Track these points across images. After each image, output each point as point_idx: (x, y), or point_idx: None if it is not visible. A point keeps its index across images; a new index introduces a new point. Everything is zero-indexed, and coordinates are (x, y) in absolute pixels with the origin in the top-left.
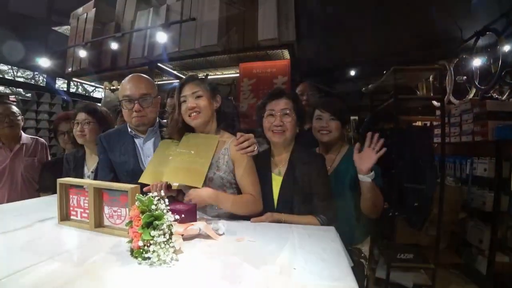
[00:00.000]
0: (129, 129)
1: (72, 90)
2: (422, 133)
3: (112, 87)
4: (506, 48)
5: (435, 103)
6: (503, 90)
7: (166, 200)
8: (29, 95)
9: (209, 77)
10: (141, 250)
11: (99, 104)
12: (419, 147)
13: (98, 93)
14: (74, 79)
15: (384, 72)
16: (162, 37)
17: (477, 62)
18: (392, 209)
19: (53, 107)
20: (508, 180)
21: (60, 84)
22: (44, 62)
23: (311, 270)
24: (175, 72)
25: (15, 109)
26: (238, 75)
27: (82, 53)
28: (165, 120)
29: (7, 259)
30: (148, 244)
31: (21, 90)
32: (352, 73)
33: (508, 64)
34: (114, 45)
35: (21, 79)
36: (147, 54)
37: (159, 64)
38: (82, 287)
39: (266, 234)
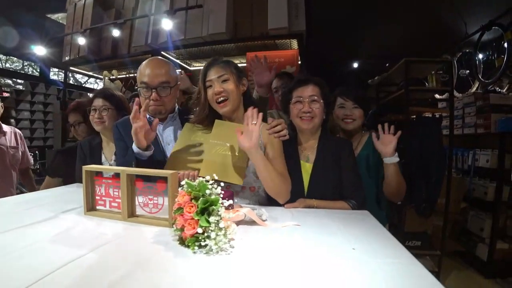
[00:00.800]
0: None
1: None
2: (432, 123)
3: (111, 77)
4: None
5: (437, 96)
6: (502, 85)
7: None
8: (19, 86)
9: None
10: (197, 238)
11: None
12: (429, 138)
13: (91, 84)
14: (71, 68)
15: (387, 65)
16: (167, 24)
17: (481, 56)
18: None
19: (48, 98)
20: (509, 171)
21: (51, 75)
22: (40, 50)
23: (367, 250)
24: (178, 61)
25: None
26: (244, 64)
27: (81, 41)
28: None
29: (46, 254)
30: (204, 232)
31: (10, 81)
32: (359, 65)
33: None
34: (115, 32)
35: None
36: (150, 42)
37: (162, 53)
38: (142, 280)
39: (306, 219)
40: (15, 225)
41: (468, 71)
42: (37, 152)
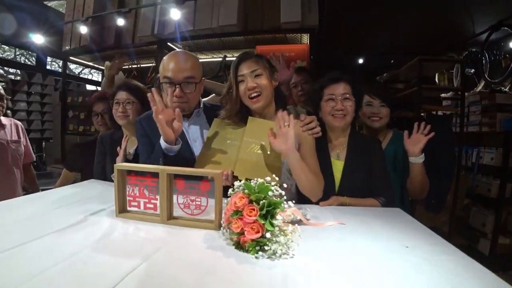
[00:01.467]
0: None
1: (58, 70)
2: (443, 121)
3: None
4: None
5: (443, 94)
6: (505, 84)
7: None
8: (11, 76)
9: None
10: (258, 242)
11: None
12: (440, 136)
13: (84, 75)
14: (71, 58)
15: (392, 61)
16: (175, 14)
17: (488, 55)
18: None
19: (45, 89)
20: None
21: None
22: (38, 38)
23: (419, 247)
24: None
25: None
26: None
27: (83, 29)
28: (206, 99)
29: (96, 265)
30: (266, 235)
31: (1, 71)
32: (365, 61)
33: None
34: (120, 21)
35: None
36: (157, 32)
37: (169, 44)
38: None
39: (346, 217)
40: (46, 230)
41: (473, 70)
42: (33, 144)
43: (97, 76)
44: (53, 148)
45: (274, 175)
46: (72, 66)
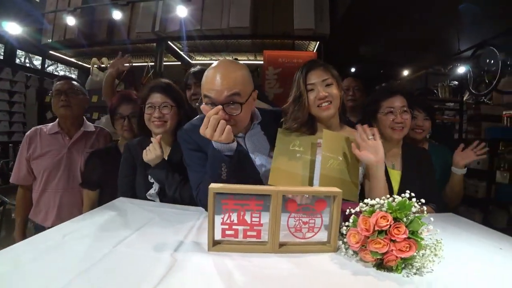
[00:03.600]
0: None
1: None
2: (445, 129)
3: (101, 65)
4: (504, 61)
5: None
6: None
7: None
8: None
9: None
10: (405, 260)
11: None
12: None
13: (53, 71)
14: (51, 52)
15: (381, 71)
16: (182, 11)
17: (473, 70)
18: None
19: (14, 86)
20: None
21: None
22: (13, 28)
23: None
24: (182, 53)
25: (76, 84)
26: (261, 62)
27: (70, 21)
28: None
29: None
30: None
31: None
32: (359, 71)
33: (504, 75)
34: (116, 14)
35: None
36: (158, 29)
37: (169, 43)
38: None
39: None
40: (142, 285)
41: (457, 82)
42: None
43: (75, 75)
44: None
45: (352, 191)
46: (36, 62)
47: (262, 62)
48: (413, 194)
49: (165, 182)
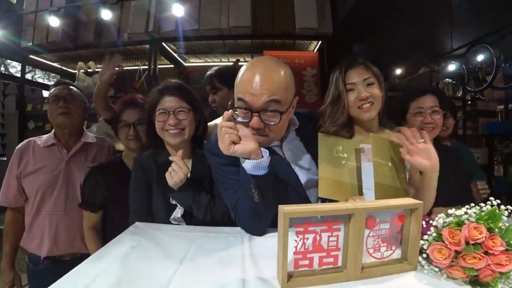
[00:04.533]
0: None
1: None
2: None
3: (88, 70)
4: (500, 59)
5: None
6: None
7: None
8: None
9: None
10: (504, 274)
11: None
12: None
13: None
14: (32, 56)
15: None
16: (178, 10)
17: (467, 67)
18: None
19: None
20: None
21: None
22: None
23: None
24: (175, 54)
25: (75, 90)
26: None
27: (54, 21)
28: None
29: None
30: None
31: None
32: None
33: (498, 71)
34: (106, 14)
35: None
36: (152, 30)
37: (163, 44)
38: None
39: None
40: None
41: (450, 79)
42: None
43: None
44: (4, 167)
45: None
46: (15, 69)
47: None
48: (499, 202)
49: (193, 206)
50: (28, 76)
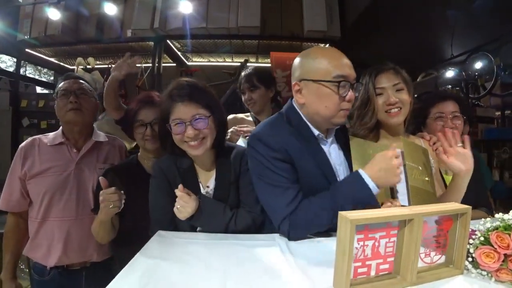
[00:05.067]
0: (313, 129)
1: None
2: None
3: (87, 66)
4: (499, 67)
5: None
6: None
7: None
8: None
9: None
10: None
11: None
12: None
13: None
14: (28, 50)
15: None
16: (186, 7)
17: (466, 74)
18: None
19: None
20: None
21: None
22: None
23: None
24: (179, 53)
25: (86, 85)
26: (268, 64)
27: (54, 14)
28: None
29: None
30: None
31: None
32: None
33: (498, 79)
34: (110, 9)
35: None
36: (158, 26)
37: (168, 41)
38: None
39: None
40: None
41: (450, 86)
42: None
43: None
44: None
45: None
46: (5, 64)
47: (268, 65)
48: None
49: (215, 225)
50: (21, 71)
